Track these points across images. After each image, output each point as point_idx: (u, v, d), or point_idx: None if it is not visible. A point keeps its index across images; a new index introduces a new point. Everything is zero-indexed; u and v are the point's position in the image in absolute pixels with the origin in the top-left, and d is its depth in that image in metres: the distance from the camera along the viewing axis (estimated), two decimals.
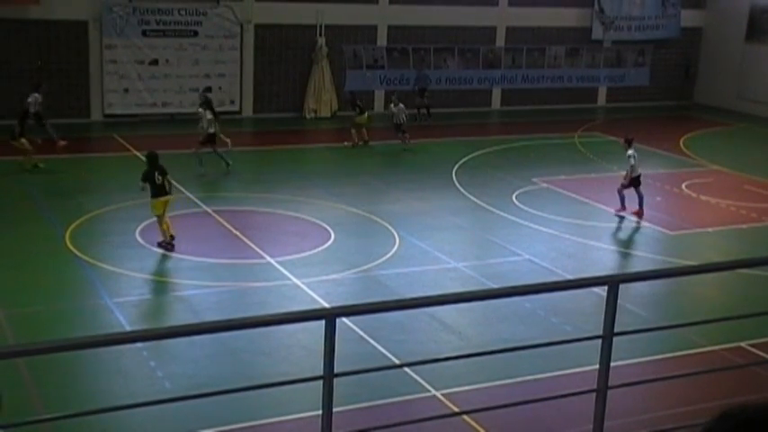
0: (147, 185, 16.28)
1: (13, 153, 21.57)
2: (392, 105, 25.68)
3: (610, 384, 5.50)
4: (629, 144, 19.79)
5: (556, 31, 33.49)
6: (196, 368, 11.93)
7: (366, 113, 25.97)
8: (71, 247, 16.40)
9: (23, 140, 21.36)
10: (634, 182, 19.52)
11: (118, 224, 17.72)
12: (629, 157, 19.52)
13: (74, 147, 22.70)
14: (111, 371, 11.84)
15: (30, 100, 22.26)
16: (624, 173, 19.83)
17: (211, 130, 21.64)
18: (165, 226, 16.32)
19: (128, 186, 20.58)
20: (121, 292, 14.58)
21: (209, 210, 18.90)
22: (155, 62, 28.03)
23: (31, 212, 18.51)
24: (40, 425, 6.26)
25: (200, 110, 22.04)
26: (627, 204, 19.70)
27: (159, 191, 16.20)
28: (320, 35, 29.72)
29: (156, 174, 16.21)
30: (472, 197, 20.93)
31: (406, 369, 11.72)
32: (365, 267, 16.05)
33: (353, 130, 25.63)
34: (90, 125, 27.16)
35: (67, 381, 11.45)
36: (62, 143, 22.38)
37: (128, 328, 12.92)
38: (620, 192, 19.68)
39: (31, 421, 7.39)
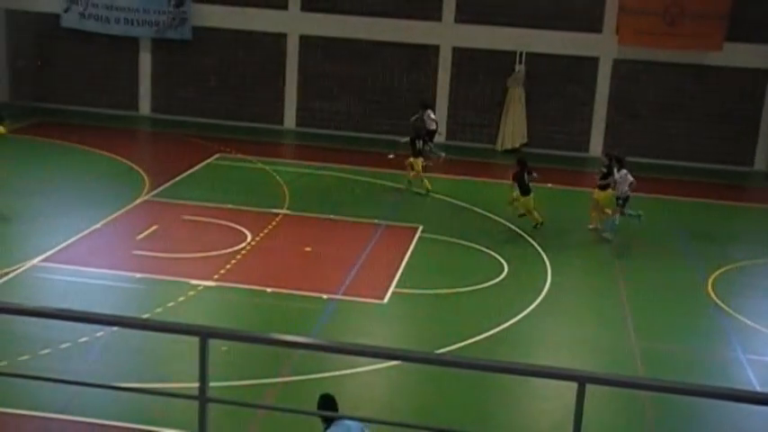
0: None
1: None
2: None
3: None
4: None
5: None
6: None
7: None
8: (711, 294, 16.28)
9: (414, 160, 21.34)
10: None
11: (764, 279, 17.09)
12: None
13: None
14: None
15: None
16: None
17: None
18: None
19: None
20: (757, 350, 14.07)
21: None
22: None
23: (675, 252, 18.70)
24: None
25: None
26: None
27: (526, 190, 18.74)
28: None
29: (525, 175, 18.64)
30: None
31: None
32: None
33: None
34: (752, 174, 26.54)
35: (684, 423, 11.45)
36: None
37: (758, 388, 12.44)
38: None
39: None
